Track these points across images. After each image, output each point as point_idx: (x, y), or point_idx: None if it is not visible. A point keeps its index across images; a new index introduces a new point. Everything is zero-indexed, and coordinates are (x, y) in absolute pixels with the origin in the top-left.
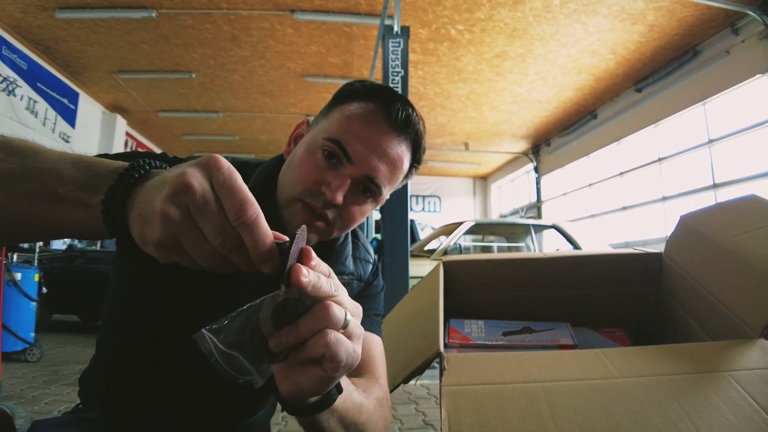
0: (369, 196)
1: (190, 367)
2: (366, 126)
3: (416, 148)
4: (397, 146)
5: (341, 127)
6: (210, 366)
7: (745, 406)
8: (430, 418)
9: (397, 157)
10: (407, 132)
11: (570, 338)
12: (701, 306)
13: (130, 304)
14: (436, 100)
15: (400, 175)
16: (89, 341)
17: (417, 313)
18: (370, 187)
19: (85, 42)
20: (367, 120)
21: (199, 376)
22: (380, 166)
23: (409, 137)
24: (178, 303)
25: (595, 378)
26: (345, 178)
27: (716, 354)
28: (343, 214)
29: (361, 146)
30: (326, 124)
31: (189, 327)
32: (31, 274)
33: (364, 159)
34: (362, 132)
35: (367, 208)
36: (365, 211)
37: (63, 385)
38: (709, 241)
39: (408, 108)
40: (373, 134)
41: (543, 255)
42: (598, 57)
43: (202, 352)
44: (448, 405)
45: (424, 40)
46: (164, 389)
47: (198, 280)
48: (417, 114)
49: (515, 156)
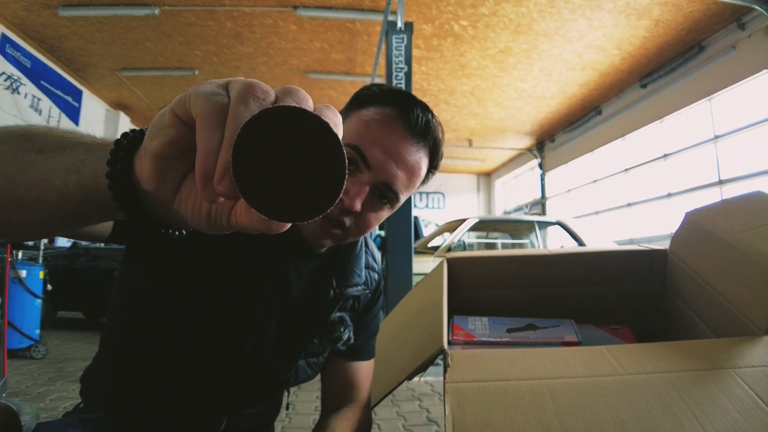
0: (386, 202)
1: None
2: (384, 131)
3: (434, 155)
4: (415, 153)
5: (359, 132)
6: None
7: (749, 404)
8: (433, 414)
9: (415, 163)
10: (426, 139)
11: (574, 335)
12: (706, 303)
13: (135, 306)
14: (440, 96)
15: (417, 182)
16: (94, 338)
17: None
18: (387, 194)
19: (88, 39)
20: (386, 125)
21: (202, 378)
22: (398, 172)
23: (428, 144)
24: (183, 305)
25: (600, 375)
26: (363, 185)
27: (721, 351)
28: (359, 221)
29: (380, 152)
30: (343, 128)
31: (193, 329)
32: (36, 272)
33: (383, 165)
34: (381, 138)
35: (383, 215)
36: (381, 217)
37: (68, 381)
38: (714, 238)
39: (428, 114)
40: (392, 140)
41: (547, 252)
42: (603, 53)
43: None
44: (452, 402)
45: (427, 36)
46: (167, 390)
47: (203, 281)
48: (436, 120)
49: (519, 152)
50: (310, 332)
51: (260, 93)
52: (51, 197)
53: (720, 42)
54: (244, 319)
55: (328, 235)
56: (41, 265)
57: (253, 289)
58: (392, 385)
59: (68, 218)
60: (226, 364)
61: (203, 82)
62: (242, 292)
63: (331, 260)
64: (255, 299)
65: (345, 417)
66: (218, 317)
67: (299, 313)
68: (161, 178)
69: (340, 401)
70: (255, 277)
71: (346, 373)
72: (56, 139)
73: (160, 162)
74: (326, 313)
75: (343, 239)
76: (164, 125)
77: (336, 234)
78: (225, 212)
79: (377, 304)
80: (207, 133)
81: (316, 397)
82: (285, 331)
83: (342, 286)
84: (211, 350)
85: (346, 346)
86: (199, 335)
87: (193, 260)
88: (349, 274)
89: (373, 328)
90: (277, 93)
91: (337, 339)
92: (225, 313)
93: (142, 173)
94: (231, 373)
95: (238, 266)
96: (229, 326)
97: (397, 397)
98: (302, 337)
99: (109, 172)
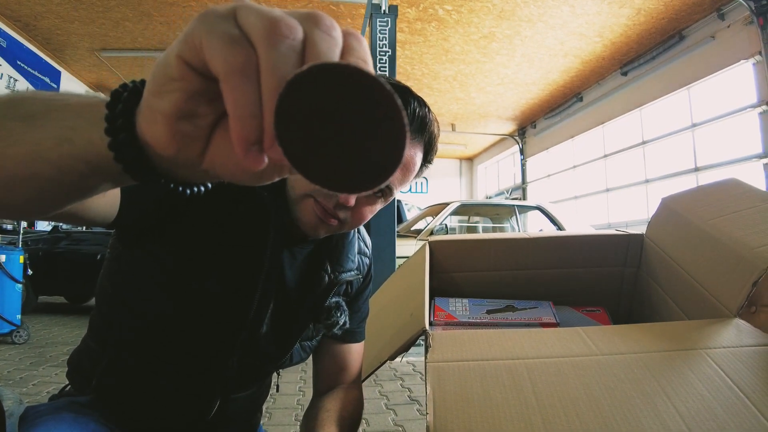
0: (380, 196)
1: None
2: None
3: (428, 150)
4: (410, 148)
5: None
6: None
7: (719, 383)
8: (415, 394)
9: (410, 159)
10: (422, 134)
11: (552, 316)
12: (680, 286)
13: (127, 290)
14: (423, 80)
15: (411, 176)
16: (76, 322)
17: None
18: (382, 188)
19: (65, 19)
20: None
21: (195, 364)
22: None
23: (423, 139)
24: (177, 291)
25: (576, 355)
26: None
27: (693, 332)
28: (354, 214)
29: None
30: None
31: (187, 315)
32: (16, 256)
33: None
34: None
35: (377, 208)
36: (375, 210)
37: (50, 366)
38: (689, 223)
39: (424, 109)
40: None
41: (527, 235)
42: (585, 40)
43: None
44: (433, 381)
45: (411, 20)
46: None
47: (198, 267)
48: (432, 115)
49: (501, 138)
50: (305, 318)
51: (287, 31)
52: (45, 172)
53: (700, 31)
54: (239, 305)
55: (324, 226)
56: (21, 249)
57: (249, 275)
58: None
59: (72, 192)
60: (221, 350)
61: (206, 12)
62: (238, 279)
63: (325, 246)
64: (251, 286)
65: (338, 397)
66: (213, 304)
67: (295, 299)
68: (182, 142)
69: (332, 382)
70: (251, 263)
71: (339, 355)
72: (44, 102)
73: (176, 123)
74: (322, 298)
75: (338, 230)
76: (173, 77)
77: (332, 225)
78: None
79: (368, 288)
80: (240, 91)
81: (299, 378)
82: (281, 317)
83: (336, 272)
84: (205, 337)
85: (342, 330)
86: (193, 321)
87: (187, 245)
88: (343, 260)
89: (364, 311)
90: (303, 25)
91: (334, 324)
92: (220, 300)
93: (156, 139)
94: (225, 358)
95: (233, 253)
96: (225, 313)
97: (379, 377)
98: (298, 323)
99: (111, 143)
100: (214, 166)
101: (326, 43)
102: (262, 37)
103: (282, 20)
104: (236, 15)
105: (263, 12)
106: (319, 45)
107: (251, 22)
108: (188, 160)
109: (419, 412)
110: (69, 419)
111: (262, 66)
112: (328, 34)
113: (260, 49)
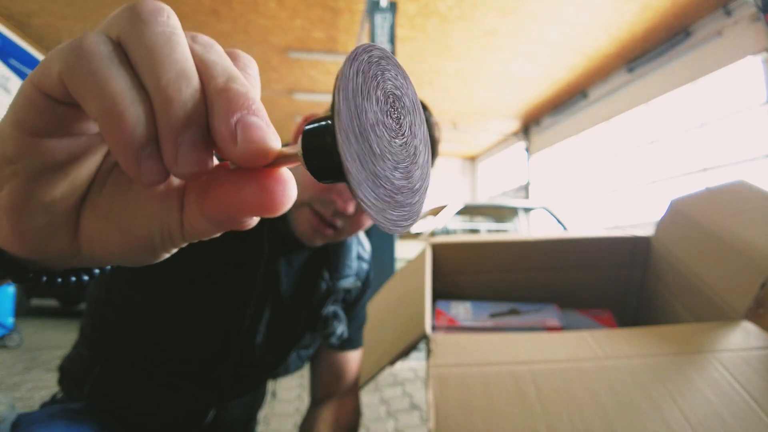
0: None
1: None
2: None
3: (432, 155)
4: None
5: None
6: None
7: (726, 387)
8: (416, 400)
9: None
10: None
11: (557, 320)
12: (686, 288)
13: (118, 299)
14: (424, 77)
15: None
16: (70, 326)
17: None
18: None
19: (59, 16)
20: None
21: (190, 373)
22: None
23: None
24: (169, 302)
25: (581, 360)
26: None
27: (700, 335)
28: (352, 222)
29: None
30: None
31: (181, 324)
32: None
33: None
34: None
35: None
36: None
37: (44, 370)
38: (697, 225)
39: (426, 113)
40: None
41: (531, 237)
42: (590, 36)
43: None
44: (435, 387)
45: (412, 16)
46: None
47: (191, 278)
48: (433, 119)
49: (504, 136)
50: (302, 327)
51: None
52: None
53: (706, 28)
54: (234, 316)
55: (320, 235)
56: None
57: (244, 286)
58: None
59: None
60: (216, 360)
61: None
62: (232, 289)
63: (323, 253)
64: (246, 296)
65: (335, 407)
66: (205, 315)
67: (291, 308)
68: (36, 236)
69: (329, 390)
70: (246, 273)
71: (336, 363)
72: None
73: (20, 217)
74: (319, 307)
75: (335, 239)
76: (8, 157)
77: (328, 234)
78: (174, 217)
79: (366, 293)
80: (102, 88)
81: (297, 384)
82: (277, 326)
83: (334, 279)
84: (198, 346)
85: (339, 340)
86: (186, 331)
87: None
88: (341, 266)
89: (362, 317)
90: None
91: (331, 334)
92: (212, 311)
93: (3, 240)
94: (220, 367)
95: (227, 263)
96: (218, 323)
97: (380, 383)
98: (294, 333)
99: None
100: (95, 248)
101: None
102: (125, 24)
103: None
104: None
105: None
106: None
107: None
108: (60, 253)
109: (421, 419)
110: (63, 426)
111: (136, 49)
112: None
113: (128, 35)
